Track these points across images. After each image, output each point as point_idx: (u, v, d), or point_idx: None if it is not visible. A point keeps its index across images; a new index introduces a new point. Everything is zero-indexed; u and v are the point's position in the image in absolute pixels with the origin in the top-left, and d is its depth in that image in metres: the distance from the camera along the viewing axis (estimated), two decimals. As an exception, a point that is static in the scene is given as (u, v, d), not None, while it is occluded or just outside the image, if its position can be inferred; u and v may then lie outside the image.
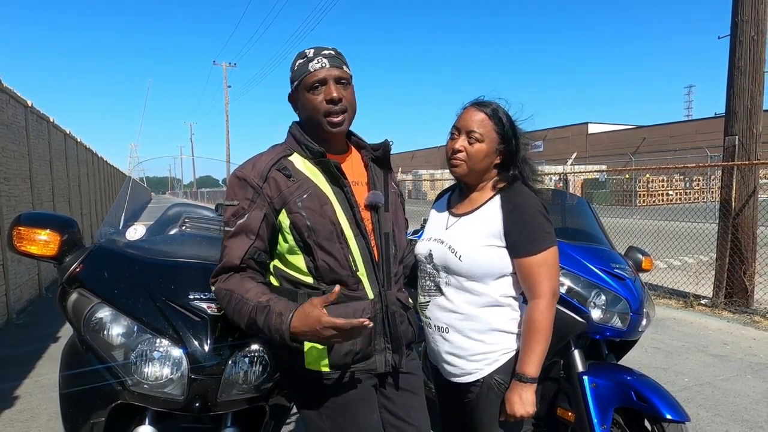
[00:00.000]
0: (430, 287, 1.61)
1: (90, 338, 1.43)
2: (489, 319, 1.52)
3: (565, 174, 8.60)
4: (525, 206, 1.50)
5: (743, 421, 3.05)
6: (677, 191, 22.46)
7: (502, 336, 1.53)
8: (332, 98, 1.37)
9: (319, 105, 1.38)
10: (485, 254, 1.50)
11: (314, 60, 1.38)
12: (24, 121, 6.37)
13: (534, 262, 1.47)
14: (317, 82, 1.38)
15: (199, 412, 1.42)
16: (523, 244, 1.47)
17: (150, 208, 17.26)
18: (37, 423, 3.15)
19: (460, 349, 1.55)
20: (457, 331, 1.55)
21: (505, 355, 1.53)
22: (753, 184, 5.47)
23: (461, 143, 1.54)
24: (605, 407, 1.95)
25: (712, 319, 5.34)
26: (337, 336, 1.20)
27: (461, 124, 1.55)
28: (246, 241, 1.35)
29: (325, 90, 1.38)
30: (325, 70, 1.38)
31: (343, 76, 1.41)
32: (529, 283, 1.49)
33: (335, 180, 1.41)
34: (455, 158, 1.55)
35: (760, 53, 5.31)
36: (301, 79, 1.40)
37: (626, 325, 2.07)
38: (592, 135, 37.01)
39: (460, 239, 1.54)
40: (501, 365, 1.52)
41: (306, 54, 1.41)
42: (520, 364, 1.47)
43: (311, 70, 1.38)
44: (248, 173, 1.37)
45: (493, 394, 1.52)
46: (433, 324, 1.61)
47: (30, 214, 1.58)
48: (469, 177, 1.58)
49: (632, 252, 2.51)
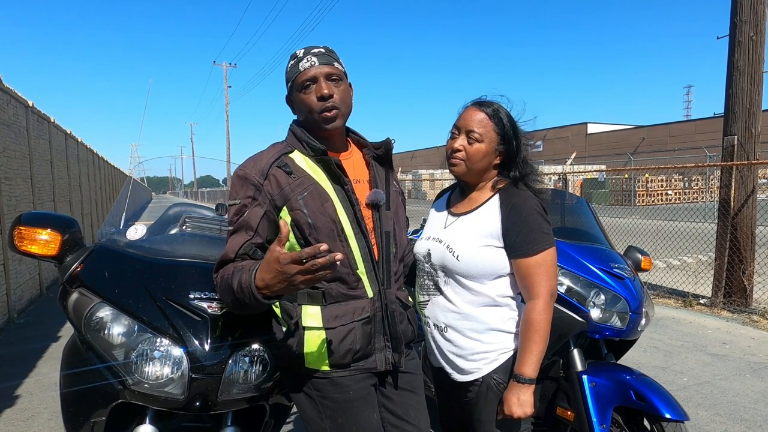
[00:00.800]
0: (429, 286, 1.61)
1: (91, 337, 1.43)
2: (487, 318, 1.52)
3: (565, 174, 8.62)
4: (524, 207, 1.49)
5: (742, 420, 3.06)
6: (676, 191, 22.48)
7: (500, 335, 1.53)
8: (322, 95, 1.38)
9: (312, 103, 1.39)
10: (483, 254, 1.50)
11: (303, 59, 1.40)
12: (25, 121, 6.39)
13: (532, 263, 1.47)
14: (308, 81, 1.39)
15: (200, 411, 1.42)
16: (521, 245, 1.47)
17: (150, 208, 17.27)
18: (38, 422, 3.15)
19: (459, 349, 1.55)
20: (455, 330, 1.55)
21: (503, 354, 1.53)
22: (752, 183, 5.48)
23: (460, 143, 1.54)
24: (604, 406, 1.96)
25: (711, 318, 5.35)
26: (304, 274, 1.08)
27: (461, 123, 1.55)
28: (244, 236, 1.35)
29: (315, 88, 1.39)
30: (315, 68, 1.39)
31: (333, 72, 1.41)
32: (526, 284, 1.49)
33: (336, 178, 1.41)
34: (454, 157, 1.55)
35: (758, 53, 5.32)
36: (293, 80, 1.41)
37: (625, 324, 2.07)
38: (591, 135, 37.03)
39: (458, 239, 1.54)
40: (500, 365, 1.53)
41: (296, 55, 1.42)
42: (518, 365, 1.47)
43: (301, 70, 1.39)
44: (249, 171, 1.38)
45: (492, 393, 1.52)
46: (432, 323, 1.61)
47: (31, 213, 1.59)
48: (468, 176, 1.58)
49: (631, 252, 2.51)
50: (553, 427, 2.19)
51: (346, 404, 1.38)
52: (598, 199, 19.25)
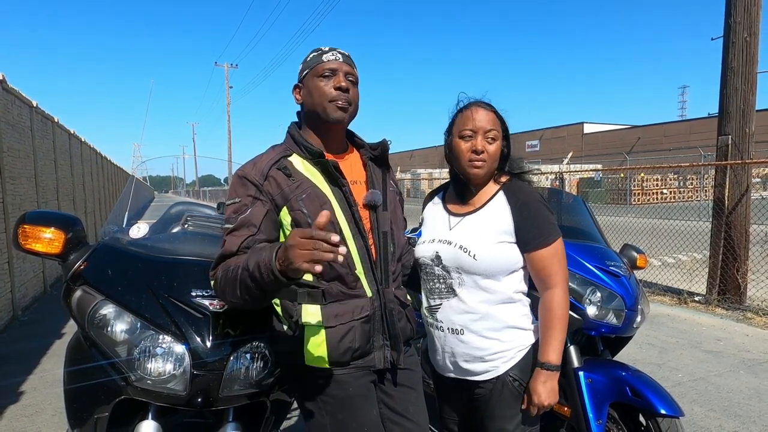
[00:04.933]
0: (440, 290, 1.59)
1: (94, 334, 1.44)
2: (503, 316, 1.53)
3: (561, 173, 8.66)
4: (531, 201, 1.53)
5: (736, 416, 3.09)
6: (671, 190, 22.58)
7: (516, 333, 1.55)
8: (341, 86, 1.42)
9: (327, 90, 1.42)
10: (499, 251, 1.51)
11: (329, 53, 1.45)
12: (29, 121, 6.42)
13: (546, 255, 1.51)
14: (329, 70, 1.43)
15: (201, 407, 1.43)
16: (534, 239, 1.51)
17: (153, 207, 17.23)
18: (42, 418, 3.16)
19: (477, 350, 1.55)
20: (472, 331, 1.55)
21: (520, 352, 1.55)
22: (746, 182, 5.52)
23: (482, 144, 1.52)
24: (601, 402, 1.97)
25: (706, 315, 5.39)
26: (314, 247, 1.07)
27: (476, 125, 1.53)
28: (246, 232, 1.35)
29: (335, 78, 1.43)
30: (338, 62, 1.44)
31: (352, 74, 1.47)
32: (542, 275, 1.52)
33: (333, 180, 1.43)
34: (478, 159, 1.52)
35: (752, 54, 5.36)
36: (313, 67, 1.45)
37: (621, 321, 2.09)
38: (587, 135, 37.12)
39: (472, 238, 1.53)
40: (516, 362, 1.54)
41: (321, 48, 1.47)
42: (543, 354, 1.50)
43: (325, 60, 1.44)
44: (249, 172, 1.39)
45: (507, 390, 1.53)
46: (446, 327, 1.59)
47: (35, 212, 1.59)
48: (486, 176, 1.58)
49: (627, 250, 2.52)
50: (549, 422, 2.21)
51: (346, 401, 1.39)
52: (594, 198, 19.30)
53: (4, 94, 5.45)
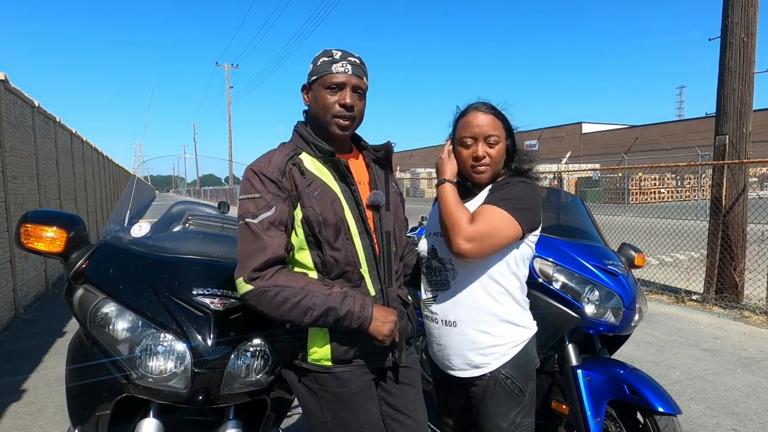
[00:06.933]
0: (436, 282, 1.61)
1: (96, 333, 1.44)
2: (496, 309, 1.53)
3: (560, 172, 8.68)
4: (512, 182, 1.52)
5: (733, 414, 3.11)
6: (669, 189, 22.63)
7: (509, 328, 1.55)
8: (345, 104, 1.41)
9: (331, 105, 1.41)
10: None
11: (339, 63, 1.41)
12: (31, 121, 6.44)
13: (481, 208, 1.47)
14: (336, 84, 1.41)
15: (202, 404, 1.43)
16: (491, 199, 1.49)
17: (154, 206, 17.19)
18: (44, 415, 3.17)
19: (470, 343, 1.55)
20: (465, 324, 1.55)
21: (513, 348, 1.55)
22: (743, 182, 5.54)
23: (483, 149, 1.52)
24: (599, 400, 1.98)
25: (703, 314, 5.42)
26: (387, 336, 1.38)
27: (475, 131, 1.53)
28: (283, 233, 1.36)
29: (341, 94, 1.41)
30: (347, 75, 1.41)
31: (360, 86, 1.44)
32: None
33: (343, 178, 1.44)
34: (481, 165, 1.53)
35: (749, 54, 5.38)
36: (321, 76, 1.42)
37: (619, 320, 2.10)
38: (585, 134, 37.17)
39: None
40: (509, 359, 1.54)
41: (332, 54, 1.43)
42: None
43: (333, 71, 1.40)
44: (265, 168, 1.38)
45: (499, 387, 1.53)
46: (440, 319, 1.61)
47: (37, 211, 1.59)
48: (490, 180, 1.58)
49: (625, 249, 2.54)
50: (548, 420, 2.23)
51: (347, 398, 1.40)
52: (592, 198, 19.34)
53: (7, 94, 5.47)
